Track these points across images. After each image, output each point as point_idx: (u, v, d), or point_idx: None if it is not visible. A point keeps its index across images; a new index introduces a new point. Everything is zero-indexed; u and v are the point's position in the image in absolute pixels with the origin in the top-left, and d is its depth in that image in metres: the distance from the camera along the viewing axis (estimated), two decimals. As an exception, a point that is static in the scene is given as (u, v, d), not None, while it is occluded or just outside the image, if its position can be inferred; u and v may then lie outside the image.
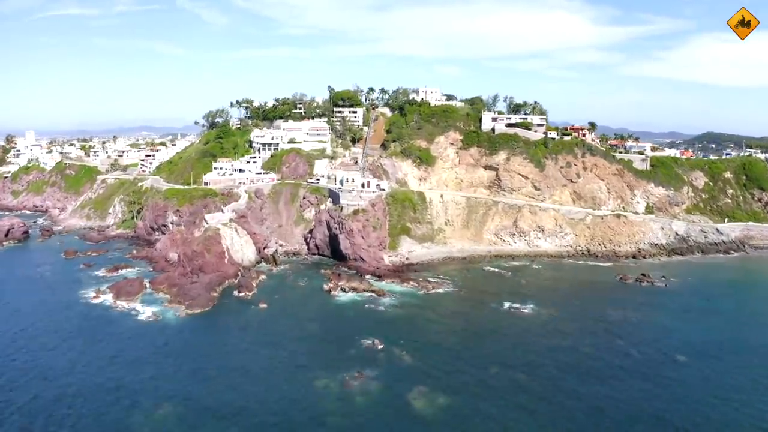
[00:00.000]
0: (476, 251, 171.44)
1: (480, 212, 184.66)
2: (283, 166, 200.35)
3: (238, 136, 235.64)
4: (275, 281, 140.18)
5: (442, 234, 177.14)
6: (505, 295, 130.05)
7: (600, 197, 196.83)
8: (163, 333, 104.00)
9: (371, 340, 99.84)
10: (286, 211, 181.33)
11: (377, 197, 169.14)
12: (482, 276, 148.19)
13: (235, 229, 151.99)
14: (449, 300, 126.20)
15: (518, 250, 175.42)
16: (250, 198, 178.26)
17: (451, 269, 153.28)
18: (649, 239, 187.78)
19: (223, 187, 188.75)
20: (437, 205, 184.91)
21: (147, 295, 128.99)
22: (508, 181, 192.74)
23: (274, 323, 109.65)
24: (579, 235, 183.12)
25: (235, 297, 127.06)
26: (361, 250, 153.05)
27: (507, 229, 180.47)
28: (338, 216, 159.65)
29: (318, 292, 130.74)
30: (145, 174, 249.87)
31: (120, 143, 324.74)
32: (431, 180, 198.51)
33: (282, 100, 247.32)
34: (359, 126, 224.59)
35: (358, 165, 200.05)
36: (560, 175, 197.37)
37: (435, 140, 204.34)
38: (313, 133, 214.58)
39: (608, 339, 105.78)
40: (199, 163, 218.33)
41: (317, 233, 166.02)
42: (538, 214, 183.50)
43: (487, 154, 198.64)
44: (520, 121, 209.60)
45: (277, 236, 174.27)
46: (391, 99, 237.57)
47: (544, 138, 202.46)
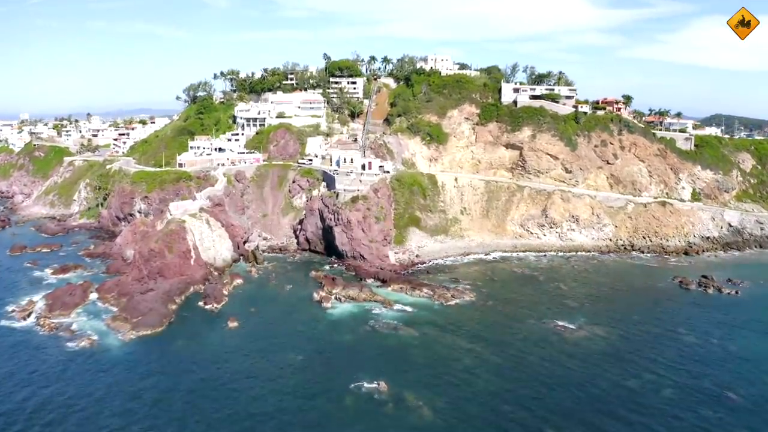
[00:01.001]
0: (499, 246, 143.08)
1: (502, 199, 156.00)
2: (270, 144, 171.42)
3: (221, 111, 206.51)
4: (254, 287, 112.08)
5: (458, 225, 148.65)
6: (545, 308, 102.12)
7: (641, 181, 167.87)
8: (88, 372, 75.70)
9: (374, 383, 71.85)
10: (272, 197, 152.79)
11: (380, 181, 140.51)
12: (511, 279, 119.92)
13: (206, 221, 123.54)
14: (475, 315, 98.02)
15: (549, 244, 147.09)
16: (229, 182, 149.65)
17: (472, 270, 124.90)
18: (699, 231, 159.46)
19: (200, 169, 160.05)
20: (451, 190, 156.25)
21: (90, 306, 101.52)
22: (534, 162, 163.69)
23: (241, 353, 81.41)
24: (619, 227, 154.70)
25: (200, 310, 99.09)
26: (362, 246, 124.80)
27: (535, 219, 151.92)
28: (333, 204, 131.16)
29: (306, 303, 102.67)
30: (118, 155, 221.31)
31: (95, 122, 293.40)
32: (443, 161, 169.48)
33: (271, 71, 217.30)
34: (359, 99, 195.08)
35: (358, 143, 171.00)
36: (594, 155, 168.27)
37: (447, 114, 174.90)
38: (305, 107, 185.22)
39: (696, 376, 77.93)
40: (174, 142, 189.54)
41: (308, 225, 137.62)
42: (572, 201, 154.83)
43: (508, 131, 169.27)
44: (547, 93, 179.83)
45: (260, 228, 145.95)
46: (396, 69, 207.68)
47: (574, 112, 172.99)
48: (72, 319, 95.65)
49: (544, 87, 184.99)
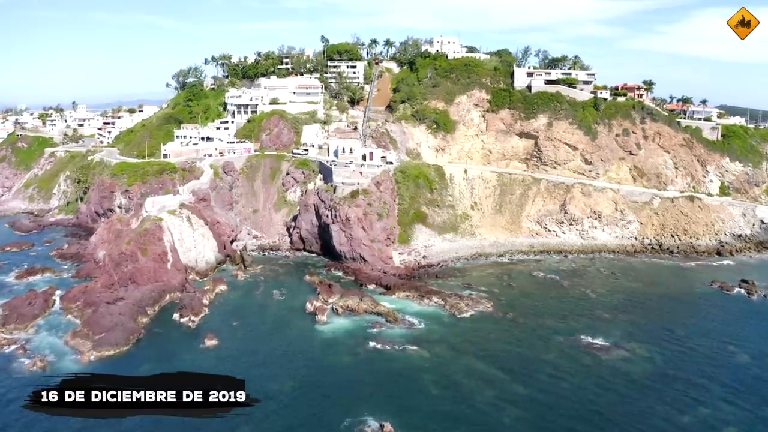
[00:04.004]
0: (515, 245, 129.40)
1: (516, 193, 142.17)
2: (262, 133, 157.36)
3: (212, 98, 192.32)
4: (239, 294, 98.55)
5: (468, 222, 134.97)
6: (574, 320, 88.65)
7: (666, 174, 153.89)
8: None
9: (377, 423, 58.50)
10: (263, 191, 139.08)
11: (383, 173, 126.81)
12: (531, 285, 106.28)
13: (186, 219, 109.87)
14: (494, 330, 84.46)
15: (568, 243, 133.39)
16: (216, 174, 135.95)
17: (486, 274, 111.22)
18: (730, 229, 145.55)
19: (186, 160, 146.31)
20: (460, 183, 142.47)
21: (51, 318, 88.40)
22: (551, 152, 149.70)
23: (220, 380, 68.15)
24: (645, 224, 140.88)
25: (175, 324, 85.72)
26: (362, 247, 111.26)
27: (553, 215, 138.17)
28: (330, 199, 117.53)
29: (297, 315, 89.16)
30: (102, 145, 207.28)
31: (81, 111, 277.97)
32: (451, 150, 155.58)
33: (265, 54, 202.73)
34: (359, 84, 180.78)
35: (358, 132, 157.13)
36: (616, 145, 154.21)
37: (455, 101, 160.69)
38: (301, 92, 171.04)
39: (759, 407, 64.70)
40: (160, 131, 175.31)
41: (302, 222, 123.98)
42: (593, 195, 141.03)
43: (522, 118, 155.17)
44: (563, 77, 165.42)
45: (250, 225, 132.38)
46: (399, 52, 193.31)
47: (593, 98, 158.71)
48: (28, 335, 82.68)
49: (560, 71, 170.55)
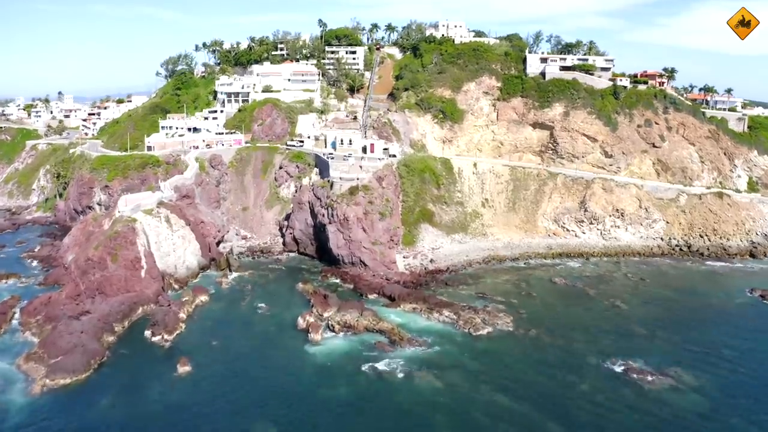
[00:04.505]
0: (531, 247, 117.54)
1: (531, 188, 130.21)
2: (254, 123, 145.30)
3: (202, 86, 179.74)
4: (222, 306, 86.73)
5: (479, 220, 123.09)
6: (606, 338, 76.96)
7: (691, 168, 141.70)
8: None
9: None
10: (254, 186, 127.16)
11: (385, 167, 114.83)
12: (554, 294, 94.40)
13: (165, 219, 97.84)
14: (516, 352, 72.70)
15: (589, 244, 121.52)
16: (202, 168, 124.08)
17: (502, 281, 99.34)
18: (761, 228, 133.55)
19: (170, 153, 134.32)
20: (470, 177, 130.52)
21: (7, 335, 77.58)
22: (568, 144, 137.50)
23: (186, 421, 56.48)
24: (672, 223, 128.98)
25: (145, 343, 74.05)
26: (362, 250, 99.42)
27: (571, 213, 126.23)
28: (327, 196, 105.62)
29: (287, 333, 77.41)
30: (87, 138, 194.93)
31: (68, 102, 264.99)
32: (459, 142, 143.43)
33: (259, 40, 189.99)
34: (359, 71, 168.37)
35: (358, 122, 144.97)
36: (638, 136, 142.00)
37: (463, 88, 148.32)
38: (296, 79, 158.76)
39: None
40: (145, 121, 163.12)
41: (296, 221, 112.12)
42: (615, 191, 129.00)
43: (536, 107, 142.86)
44: (580, 63, 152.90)
45: (239, 224, 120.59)
46: (402, 37, 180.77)
47: (612, 86, 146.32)
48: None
49: (576, 57, 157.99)
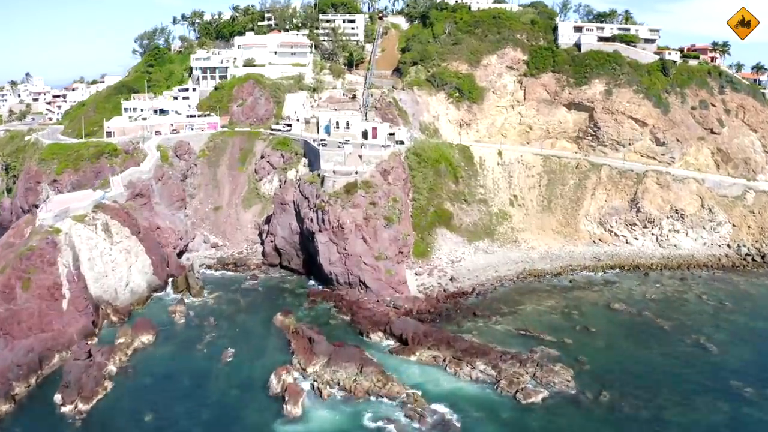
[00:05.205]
0: (573, 257, 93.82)
1: (569, 183, 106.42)
2: (232, 103, 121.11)
3: (178, 62, 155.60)
4: (169, 352, 62.91)
5: (508, 223, 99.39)
6: (706, 405, 53.90)
7: (755, 159, 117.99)
8: None
9: None
10: (229, 181, 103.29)
11: (392, 157, 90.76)
12: (617, 329, 70.70)
13: (102, 228, 73.97)
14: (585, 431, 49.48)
15: (645, 253, 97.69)
16: (164, 158, 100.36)
17: (546, 307, 75.58)
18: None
19: (131, 140, 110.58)
20: (494, 169, 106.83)
21: None
22: (612, 128, 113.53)
23: None
24: (739, 226, 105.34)
25: (51, 416, 50.80)
26: (362, 268, 75.70)
27: (620, 215, 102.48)
28: (316, 195, 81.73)
29: (256, 400, 53.91)
30: (50, 123, 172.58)
31: (38, 84, 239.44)
32: (479, 126, 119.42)
33: (243, 9, 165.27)
34: (359, 42, 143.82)
35: (357, 101, 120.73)
36: (693, 121, 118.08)
37: (482, 62, 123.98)
38: (284, 52, 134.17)
39: None
40: (108, 103, 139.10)
41: (278, 226, 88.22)
42: (672, 187, 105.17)
43: (571, 84, 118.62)
44: (621, 33, 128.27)
45: (209, 228, 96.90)
46: (409, 5, 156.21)
47: (659, 61, 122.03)
48: None
49: (616, 26, 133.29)
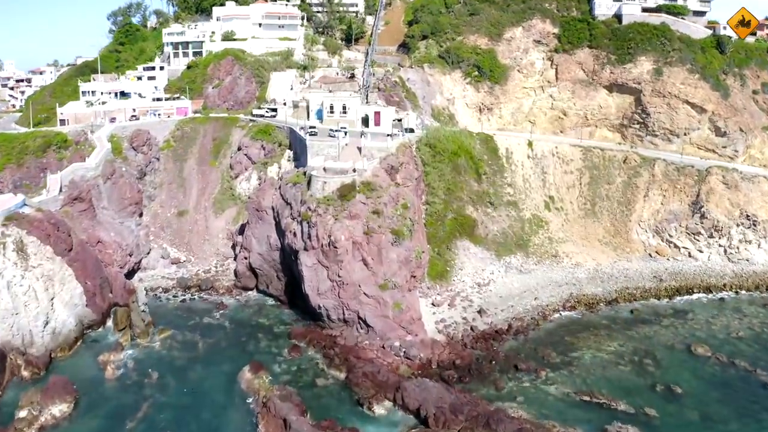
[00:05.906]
0: (629, 276, 74.35)
1: (616, 181, 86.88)
2: (207, 84, 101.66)
3: (151, 40, 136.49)
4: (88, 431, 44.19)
5: (544, 232, 80.00)
6: None
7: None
8: None
9: None
10: (199, 178, 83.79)
11: (400, 149, 70.98)
12: (710, 389, 51.43)
13: (15, 248, 54.39)
14: None
15: (714, 270, 78.00)
16: (116, 151, 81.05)
17: (609, 355, 56.01)
18: None
19: (82, 129, 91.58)
20: (524, 164, 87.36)
21: None
22: (664, 115, 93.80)
23: None
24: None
25: None
26: (362, 302, 56.24)
27: (680, 221, 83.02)
28: (301, 201, 62.25)
29: None
30: (13, 110, 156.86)
31: (9, 68, 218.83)
32: (502, 111, 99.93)
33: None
34: (359, 14, 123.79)
35: (357, 81, 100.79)
36: (756, 107, 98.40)
37: (505, 35, 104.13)
38: (271, 24, 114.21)
39: None
40: (67, 86, 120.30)
41: (253, 238, 68.69)
42: (741, 187, 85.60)
43: (612, 62, 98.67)
44: (667, 4, 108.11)
45: (170, 239, 77.42)
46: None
47: (713, 36, 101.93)
48: None
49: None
